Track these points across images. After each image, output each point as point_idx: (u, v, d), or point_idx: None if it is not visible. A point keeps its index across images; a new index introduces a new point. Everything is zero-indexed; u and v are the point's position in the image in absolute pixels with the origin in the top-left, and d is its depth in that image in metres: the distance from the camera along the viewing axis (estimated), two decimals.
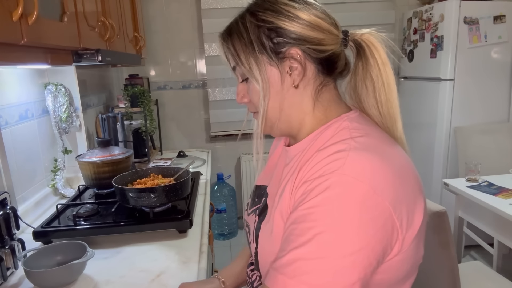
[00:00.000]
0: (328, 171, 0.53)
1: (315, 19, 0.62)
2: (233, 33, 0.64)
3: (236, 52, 0.63)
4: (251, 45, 0.61)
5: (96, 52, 1.14)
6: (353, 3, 2.95)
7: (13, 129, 1.33)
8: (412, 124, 2.98)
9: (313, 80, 0.64)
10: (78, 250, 1.01)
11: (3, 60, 0.80)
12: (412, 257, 0.59)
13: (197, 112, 3.07)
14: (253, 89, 0.64)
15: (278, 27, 0.60)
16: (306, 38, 0.61)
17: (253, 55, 0.61)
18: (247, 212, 0.78)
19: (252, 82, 0.64)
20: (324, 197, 0.51)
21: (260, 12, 0.62)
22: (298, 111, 0.65)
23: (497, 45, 2.54)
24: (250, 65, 0.62)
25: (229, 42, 0.64)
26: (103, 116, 1.93)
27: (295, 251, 0.51)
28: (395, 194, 0.54)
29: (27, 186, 1.41)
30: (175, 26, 2.91)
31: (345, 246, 0.50)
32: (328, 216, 0.51)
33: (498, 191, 1.86)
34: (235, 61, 0.64)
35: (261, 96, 0.62)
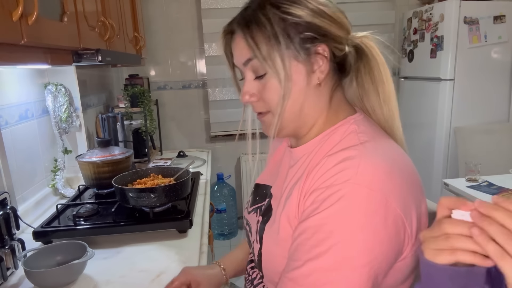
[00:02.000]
0: (340, 180, 0.52)
1: (338, 16, 0.61)
2: (252, 24, 0.58)
3: (256, 45, 0.57)
4: (275, 38, 0.56)
5: (96, 52, 1.14)
6: (353, 3, 2.95)
7: (13, 129, 1.33)
8: (412, 124, 2.98)
9: (329, 79, 0.62)
10: (78, 250, 1.01)
11: (3, 60, 0.80)
12: (416, 259, 0.58)
13: (197, 112, 3.08)
14: (271, 86, 0.59)
15: (306, 21, 0.57)
16: (332, 35, 0.59)
17: (278, 49, 0.57)
18: (247, 210, 0.77)
19: (270, 79, 0.59)
20: (339, 208, 0.51)
21: (285, 5, 0.57)
22: (315, 111, 0.62)
23: (497, 45, 2.54)
24: (273, 59, 0.57)
25: (248, 34, 0.58)
26: (103, 116, 1.93)
27: (312, 262, 0.51)
28: (405, 200, 0.54)
29: (27, 186, 1.41)
30: (175, 26, 2.91)
31: (360, 257, 0.50)
32: (343, 227, 0.50)
33: (498, 191, 1.86)
34: (254, 54, 0.58)
35: (281, 94, 0.58)
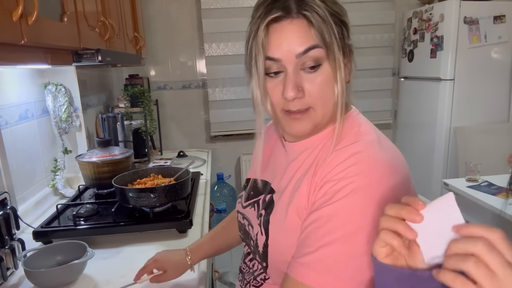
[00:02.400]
0: (352, 173, 0.56)
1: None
2: (312, 11, 0.57)
3: (323, 33, 0.58)
4: (332, 30, 0.58)
5: (96, 52, 1.14)
6: (353, 3, 2.95)
7: (13, 129, 1.33)
8: (412, 124, 2.98)
9: None
10: (78, 250, 1.01)
11: (3, 60, 0.80)
12: None
13: (197, 112, 3.07)
14: (324, 81, 0.59)
15: (344, 20, 0.62)
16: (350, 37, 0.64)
17: (336, 41, 0.59)
18: (241, 205, 0.79)
19: (323, 72, 0.59)
20: (352, 199, 0.55)
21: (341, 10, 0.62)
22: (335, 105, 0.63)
23: (497, 45, 2.54)
24: (334, 51, 0.58)
25: (313, 20, 0.57)
26: (103, 116, 1.93)
27: (325, 248, 0.55)
28: (406, 189, 0.59)
29: (27, 186, 1.41)
30: (175, 26, 2.90)
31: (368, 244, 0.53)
32: (356, 217, 0.54)
33: (498, 191, 1.86)
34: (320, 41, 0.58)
35: (334, 88, 0.60)
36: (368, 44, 3.03)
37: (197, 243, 0.95)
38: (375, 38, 3.02)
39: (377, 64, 3.08)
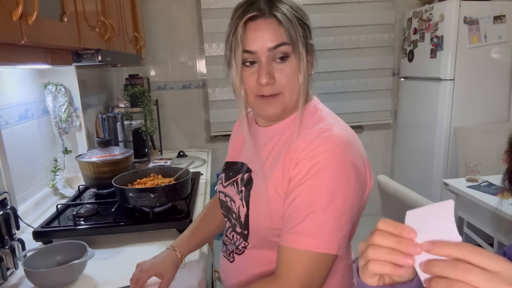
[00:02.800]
0: (320, 151, 0.67)
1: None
2: (284, 16, 0.70)
3: (289, 32, 0.70)
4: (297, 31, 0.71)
5: (96, 52, 1.14)
6: (354, 3, 2.95)
7: (13, 129, 1.33)
8: (412, 124, 2.98)
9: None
10: (78, 250, 1.01)
11: (3, 60, 0.80)
12: (366, 201, 0.77)
13: (197, 112, 3.07)
14: (291, 71, 0.72)
15: (306, 22, 0.74)
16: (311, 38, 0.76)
17: (301, 39, 0.71)
18: (222, 185, 0.89)
19: (290, 64, 0.72)
20: (323, 173, 0.66)
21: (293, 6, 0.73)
22: (301, 95, 0.75)
23: (497, 45, 2.54)
24: (299, 47, 0.71)
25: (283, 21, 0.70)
26: (103, 116, 1.93)
27: (309, 217, 0.65)
28: (362, 157, 0.72)
29: (27, 186, 1.41)
30: (175, 26, 2.90)
31: (345, 205, 0.66)
32: (329, 187, 0.66)
33: (498, 191, 1.86)
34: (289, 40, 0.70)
35: (299, 78, 0.72)
36: (368, 44, 3.03)
37: (181, 237, 0.98)
38: (375, 38, 3.02)
39: (377, 64, 3.08)
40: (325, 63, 3.00)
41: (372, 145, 3.33)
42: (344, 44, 3.00)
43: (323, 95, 3.23)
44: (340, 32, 2.98)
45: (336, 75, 3.06)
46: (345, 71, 3.05)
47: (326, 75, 3.04)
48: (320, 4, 2.92)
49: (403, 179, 3.08)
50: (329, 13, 2.94)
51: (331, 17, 2.95)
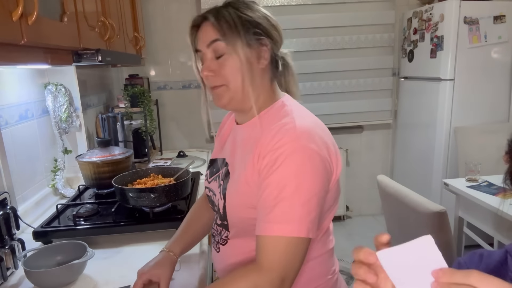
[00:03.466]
0: (284, 142, 0.72)
1: (277, 24, 0.82)
2: (219, 15, 0.77)
3: (222, 30, 0.76)
4: (235, 27, 0.76)
5: (96, 52, 1.14)
6: (354, 3, 2.95)
7: (13, 129, 1.33)
8: (412, 124, 2.99)
9: (269, 70, 0.83)
10: (78, 250, 1.01)
11: (3, 60, 0.80)
12: (336, 191, 0.81)
13: (197, 112, 3.07)
14: (229, 64, 0.78)
15: (256, 21, 0.78)
16: (272, 36, 0.81)
17: (238, 35, 0.76)
18: (207, 181, 0.95)
19: (228, 58, 0.77)
20: (288, 163, 0.71)
21: (241, 8, 0.79)
22: (256, 89, 0.81)
23: (497, 45, 2.54)
24: (235, 43, 0.76)
25: (216, 21, 0.77)
26: (103, 116, 1.93)
27: (279, 205, 0.70)
28: (326, 146, 0.75)
29: (27, 186, 1.41)
30: (175, 26, 2.91)
31: (311, 191, 0.71)
32: (294, 175, 0.70)
33: (498, 191, 1.86)
34: (220, 36, 0.77)
35: (239, 70, 0.77)
36: (368, 44, 3.03)
37: (172, 240, 1.00)
38: (375, 38, 3.03)
39: (377, 64, 3.08)
40: (325, 63, 3.01)
41: (372, 145, 3.34)
42: (344, 44, 3.00)
43: (323, 95, 3.23)
44: (340, 32, 2.98)
45: (336, 75, 3.06)
46: (345, 71, 3.05)
47: (326, 75, 3.04)
48: (320, 4, 2.92)
49: (403, 179, 3.08)
50: (329, 13, 2.94)
51: (331, 17, 2.95)
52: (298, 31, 2.93)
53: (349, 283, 2.42)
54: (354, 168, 3.34)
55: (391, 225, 1.68)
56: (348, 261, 2.69)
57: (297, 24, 2.92)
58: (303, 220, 0.69)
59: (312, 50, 2.97)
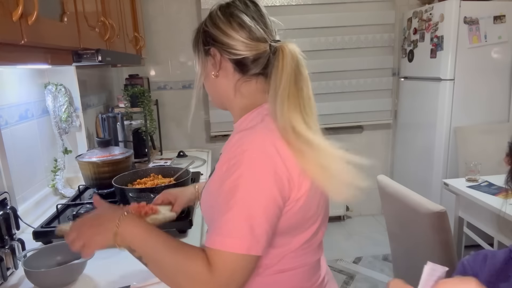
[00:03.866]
0: (239, 152, 0.71)
1: (230, 31, 0.80)
2: (198, 31, 0.87)
3: (192, 44, 0.87)
4: (196, 41, 0.86)
5: (96, 52, 1.14)
6: (353, 3, 2.95)
7: (13, 129, 1.33)
8: (412, 124, 2.99)
9: (232, 75, 0.83)
10: None
11: (3, 60, 0.80)
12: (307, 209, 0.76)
13: (197, 112, 3.07)
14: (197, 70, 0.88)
15: (209, 32, 0.83)
16: (221, 42, 0.81)
17: (196, 47, 0.86)
18: None
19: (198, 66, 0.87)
20: (241, 175, 0.69)
21: (207, 21, 0.85)
22: (225, 95, 0.86)
23: (497, 45, 2.54)
24: (195, 54, 0.86)
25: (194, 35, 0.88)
26: (103, 116, 1.93)
27: (224, 217, 0.68)
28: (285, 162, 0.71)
29: (27, 186, 1.41)
30: (175, 26, 2.91)
31: (258, 208, 0.68)
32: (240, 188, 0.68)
33: (498, 191, 1.86)
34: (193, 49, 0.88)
35: (196, 76, 0.87)
36: (368, 44, 3.03)
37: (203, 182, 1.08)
38: (375, 38, 3.03)
39: (377, 64, 3.08)
40: (325, 63, 3.01)
41: (372, 145, 3.34)
42: (344, 44, 3.00)
43: (323, 95, 3.22)
44: (340, 32, 2.98)
45: (336, 75, 3.06)
46: (345, 71, 3.05)
47: (326, 75, 3.04)
48: (320, 4, 2.92)
49: (403, 179, 3.09)
50: (329, 13, 2.95)
51: (331, 17, 2.95)
52: (298, 31, 2.93)
53: (349, 283, 2.42)
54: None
55: (391, 225, 1.68)
56: (348, 261, 2.69)
57: (297, 24, 2.92)
58: (244, 237, 0.66)
59: (312, 50, 2.97)
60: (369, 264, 2.65)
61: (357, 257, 2.75)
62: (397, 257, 1.70)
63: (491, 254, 0.72)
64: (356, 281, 2.45)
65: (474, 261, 0.73)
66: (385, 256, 2.72)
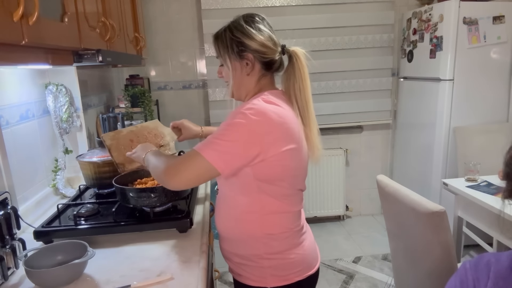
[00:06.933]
0: (236, 111, 0.97)
1: (262, 40, 1.04)
2: (218, 38, 1.07)
3: (218, 49, 1.08)
4: (226, 47, 1.05)
5: (97, 52, 1.14)
6: (353, 4, 2.96)
7: (14, 129, 1.34)
8: (412, 124, 2.99)
9: (257, 72, 1.08)
10: (79, 249, 1.01)
11: (4, 61, 0.80)
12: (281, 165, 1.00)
13: (197, 112, 3.08)
14: (225, 71, 1.10)
15: (241, 41, 1.04)
16: (257, 50, 1.04)
17: (227, 52, 1.06)
18: None
19: (224, 67, 1.09)
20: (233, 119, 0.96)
21: (234, 31, 1.04)
22: (247, 88, 1.10)
23: (496, 46, 2.54)
24: (225, 58, 1.07)
25: (215, 42, 1.08)
26: (103, 116, 1.94)
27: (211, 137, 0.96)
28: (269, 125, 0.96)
29: (28, 186, 1.41)
30: (175, 26, 2.91)
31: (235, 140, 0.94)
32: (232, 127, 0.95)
33: (497, 191, 1.86)
34: (217, 54, 1.09)
35: (230, 76, 1.08)
36: (368, 45, 3.03)
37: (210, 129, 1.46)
38: (375, 38, 3.03)
39: (377, 65, 3.09)
40: (325, 64, 3.01)
41: (371, 145, 3.34)
42: (344, 44, 3.01)
43: (323, 95, 3.23)
44: (340, 32, 2.99)
45: (336, 75, 3.06)
46: (345, 72, 3.06)
47: (326, 75, 3.04)
48: (320, 5, 2.93)
49: (402, 179, 3.09)
50: (328, 14, 2.95)
51: (331, 17, 2.95)
52: (298, 32, 2.94)
53: (348, 283, 2.43)
54: (353, 168, 3.35)
55: (390, 225, 1.68)
56: (347, 261, 2.69)
57: (297, 25, 2.92)
58: (214, 150, 0.94)
59: (312, 51, 2.92)
60: (368, 263, 2.65)
61: (357, 256, 2.75)
62: (397, 257, 1.70)
63: (494, 259, 0.71)
64: (356, 280, 2.46)
65: (476, 265, 0.72)
66: (384, 255, 2.72)
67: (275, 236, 1.05)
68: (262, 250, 1.05)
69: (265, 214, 1.04)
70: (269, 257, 1.05)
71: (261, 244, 1.05)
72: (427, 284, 1.48)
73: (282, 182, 1.03)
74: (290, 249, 1.07)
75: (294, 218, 1.09)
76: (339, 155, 3.14)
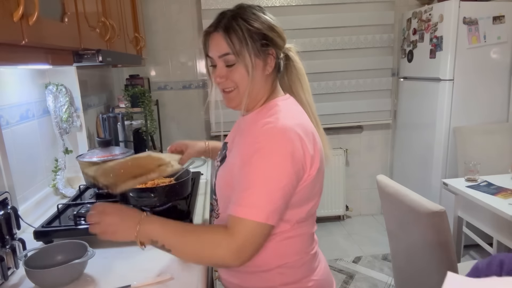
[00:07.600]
0: (261, 138, 0.82)
1: (281, 31, 0.91)
2: (229, 29, 0.85)
3: (233, 44, 0.85)
4: (245, 41, 0.85)
5: (97, 52, 1.14)
6: (353, 4, 2.96)
7: (14, 129, 1.34)
8: (412, 124, 2.99)
9: (273, 73, 0.93)
10: (79, 249, 1.01)
11: (4, 61, 0.80)
12: (311, 186, 0.88)
13: (197, 112, 3.08)
14: (240, 72, 0.87)
15: (263, 33, 0.87)
16: (277, 44, 0.90)
17: (247, 48, 0.85)
18: (216, 161, 1.06)
19: (238, 67, 0.87)
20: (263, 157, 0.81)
21: (250, 20, 0.86)
22: (262, 91, 0.92)
23: (496, 46, 2.54)
24: (244, 55, 0.86)
25: (227, 35, 0.85)
26: (103, 116, 1.94)
27: (248, 191, 0.80)
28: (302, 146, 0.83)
29: (28, 186, 1.41)
30: (175, 26, 2.91)
31: (277, 184, 0.80)
32: (266, 168, 0.80)
33: (497, 191, 1.86)
34: (231, 51, 0.86)
35: (248, 78, 0.87)
36: (368, 45, 3.03)
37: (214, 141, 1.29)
38: (375, 38, 3.03)
39: (377, 64, 3.09)
40: (325, 64, 3.01)
41: (371, 145, 3.34)
42: (344, 44, 3.01)
43: (323, 95, 3.23)
44: (340, 32, 2.99)
45: (336, 75, 3.06)
46: (345, 71, 3.06)
47: (326, 75, 3.04)
48: (320, 4, 2.93)
49: (402, 179, 3.09)
50: (328, 14, 2.95)
51: (331, 17, 2.95)
52: (298, 32, 2.94)
53: (348, 283, 2.43)
54: (353, 168, 3.35)
55: (390, 224, 1.68)
56: (347, 261, 2.69)
57: (297, 25, 2.92)
58: (264, 208, 0.79)
59: (312, 51, 2.98)
60: (368, 263, 2.65)
61: (357, 256, 2.75)
62: (397, 257, 1.70)
63: (508, 260, 0.71)
64: (356, 280, 2.46)
65: (488, 265, 0.72)
66: (384, 255, 2.73)
67: (290, 263, 0.92)
68: (277, 282, 0.92)
69: (280, 240, 0.90)
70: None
71: (276, 275, 0.91)
72: (427, 284, 1.48)
73: (310, 202, 0.91)
74: (307, 276, 0.95)
75: (309, 241, 0.97)
76: (339, 155, 3.14)
